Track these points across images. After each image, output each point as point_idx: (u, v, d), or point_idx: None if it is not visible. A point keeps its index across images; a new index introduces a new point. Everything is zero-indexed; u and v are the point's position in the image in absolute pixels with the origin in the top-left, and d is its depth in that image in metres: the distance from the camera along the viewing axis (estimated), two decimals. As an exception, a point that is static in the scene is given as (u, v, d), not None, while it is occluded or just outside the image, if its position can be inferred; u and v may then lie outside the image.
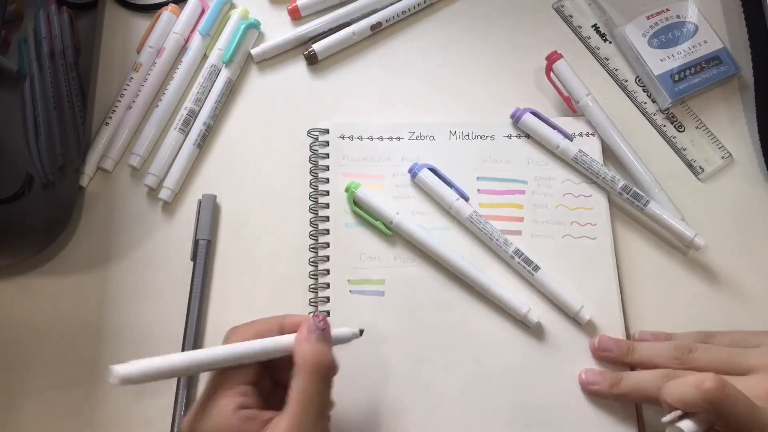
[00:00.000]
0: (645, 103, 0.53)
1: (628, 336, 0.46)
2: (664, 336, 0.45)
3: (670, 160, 0.52)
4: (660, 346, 0.43)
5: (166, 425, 0.46)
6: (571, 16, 0.56)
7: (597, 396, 0.44)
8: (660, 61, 0.52)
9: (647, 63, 0.52)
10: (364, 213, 0.48)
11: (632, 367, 0.44)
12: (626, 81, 0.53)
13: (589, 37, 0.55)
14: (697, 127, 0.52)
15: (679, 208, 0.49)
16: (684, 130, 0.52)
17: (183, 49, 0.55)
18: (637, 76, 0.54)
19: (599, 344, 0.45)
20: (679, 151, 0.52)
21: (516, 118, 0.50)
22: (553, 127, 0.50)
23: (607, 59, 0.54)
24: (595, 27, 0.55)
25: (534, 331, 0.46)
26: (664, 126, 0.52)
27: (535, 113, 0.50)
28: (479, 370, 0.46)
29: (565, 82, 0.51)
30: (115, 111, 0.53)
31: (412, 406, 0.45)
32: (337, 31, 0.55)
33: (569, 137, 0.49)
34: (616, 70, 0.54)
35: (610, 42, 0.55)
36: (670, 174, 0.51)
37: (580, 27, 0.55)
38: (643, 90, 0.53)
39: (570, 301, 0.46)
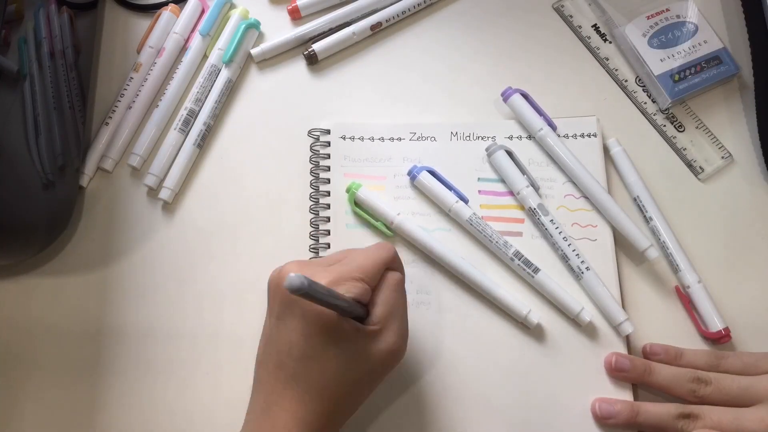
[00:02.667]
0: (645, 103, 0.53)
1: (629, 341, 0.47)
2: (674, 352, 0.45)
3: (670, 160, 0.52)
4: (677, 374, 0.44)
5: (166, 425, 0.46)
6: (571, 16, 0.56)
7: (612, 428, 0.44)
8: (660, 61, 0.52)
9: (647, 63, 0.52)
10: (364, 214, 0.48)
11: (647, 387, 0.45)
12: (626, 81, 0.53)
13: (589, 37, 0.55)
14: (697, 127, 0.52)
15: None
16: (684, 130, 0.52)
17: (183, 49, 0.55)
18: (637, 76, 0.54)
19: (615, 365, 0.45)
20: (679, 151, 0.52)
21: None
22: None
23: (607, 59, 0.54)
24: (595, 27, 0.55)
25: (534, 332, 0.46)
26: (664, 126, 0.52)
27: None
28: (479, 371, 0.46)
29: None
30: (115, 111, 0.52)
31: (412, 407, 0.45)
32: (337, 31, 0.55)
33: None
34: (616, 70, 0.54)
35: (610, 42, 0.55)
36: (670, 174, 0.51)
37: (580, 27, 0.55)
38: (643, 90, 0.53)
39: (570, 303, 0.46)
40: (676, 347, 0.45)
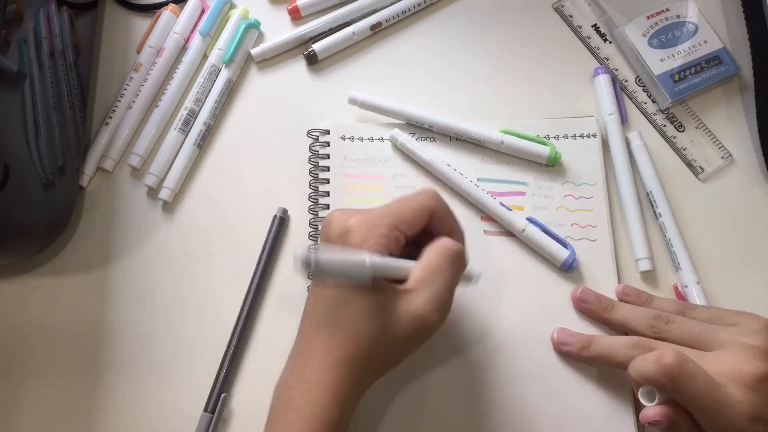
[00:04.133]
0: (645, 103, 0.53)
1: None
2: (645, 296, 0.46)
3: (670, 160, 0.51)
4: (639, 311, 0.44)
5: (167, 425, 0.46)
6: (571, 16, 0.55)
7: (568, 356, 0.45)
8: (660, 61, 0.52)
9: (647, 63, 0.52)
10: None
11: (607, 324, 0.46)
12: (626, 81, 0.53)
13: (589, 37, 0.55)
14: (697, 127, 0.52)
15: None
16: (684, 130, 0.52)
17: (183, 49, 0.55)
18: (637, 76, 0.54)
19: (580, 295, 0.46)
20: (679, 151, 0.51)
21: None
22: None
23: (607, 59, 0.54)
24: (595, 27, 0.55)
25: (534, 333, 0.46)
26: (664, 126, 0.52)
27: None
28: (480, 371, 0.46)
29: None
30: (115, 111, 0.53)
31: (413, 407, 0.45)
32: (337, 31, 0.55)
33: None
34: (616, 70, 0.54)
35: (610, 42, 0.55)
36: (670, 174, 0.51)
37: (580, 27, 0.55)
38: (643, 90, 0.53)
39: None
40: (649, 293, 0.46)
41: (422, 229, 0.39)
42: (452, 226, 0.40)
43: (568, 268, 0.47)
